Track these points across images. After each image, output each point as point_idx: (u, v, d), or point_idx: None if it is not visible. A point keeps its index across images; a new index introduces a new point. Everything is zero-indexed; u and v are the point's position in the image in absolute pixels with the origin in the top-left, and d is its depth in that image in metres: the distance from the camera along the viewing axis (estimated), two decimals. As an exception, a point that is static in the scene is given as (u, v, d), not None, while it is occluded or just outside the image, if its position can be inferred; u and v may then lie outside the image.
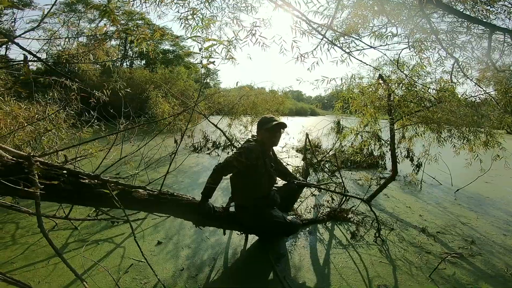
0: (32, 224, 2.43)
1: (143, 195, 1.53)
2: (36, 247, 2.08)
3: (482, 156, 3.18)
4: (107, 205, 1.35)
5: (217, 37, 1.57)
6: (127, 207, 1.38)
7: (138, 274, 1.83)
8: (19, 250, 2.03)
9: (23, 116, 2.15)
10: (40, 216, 1.07)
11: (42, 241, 2.15)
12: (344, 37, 1.82)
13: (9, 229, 2.33)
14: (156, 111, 4.95)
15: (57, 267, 1.84)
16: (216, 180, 1.91)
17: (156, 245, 2.22)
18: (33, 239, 2.18)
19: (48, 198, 1.20)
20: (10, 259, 1.91)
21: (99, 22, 14.79)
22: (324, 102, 6.08)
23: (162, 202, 1.64)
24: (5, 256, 1.95)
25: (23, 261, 1.90)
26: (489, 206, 3.64)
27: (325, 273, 1.96)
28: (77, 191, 1.20)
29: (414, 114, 2.74)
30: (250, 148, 1.95)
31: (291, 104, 21.44)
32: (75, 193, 1.19)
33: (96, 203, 1.43)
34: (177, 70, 9.55)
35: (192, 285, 1.76)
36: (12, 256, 1.95)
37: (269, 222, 2.03)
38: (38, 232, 2.29)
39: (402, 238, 2.54)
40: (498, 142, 3.02)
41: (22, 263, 1.87)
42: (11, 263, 1.87)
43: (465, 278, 1.97)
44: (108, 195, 1.29)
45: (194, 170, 4.71)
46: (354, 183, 4.38)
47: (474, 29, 1.72)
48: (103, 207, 1.73)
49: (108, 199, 1.31)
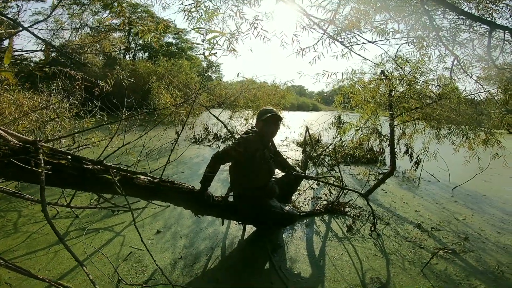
0: (34, 212, 2.48)
1: (144, 181, 1.57)
2: (37, 235, 2.11)
3: (481, 154, 3.19)
4: (109, 191, 1.39)
5: (219, 29, 1.58)
6: (128, 194, 1.42)
7: (136, 262, 1.88)
8: (20, 238, 2.06)
9: (27, 105, 2.18)
10: (44, 202, 1.11)
11: (44, 229, 2.20)
12: (346, 32, 1.83)
13: (11, 218, 2.37)
14: (158, 102, 4.97)
15: (57, 254, 1.89)
16: (214, 168, 1.95)
17: (155, 234, 2.27)
18: (35, 227, 2.23)
19: (53, 183, 1.24)
20: (12, 247, 1.95)
21: (107, 14, 14.63)
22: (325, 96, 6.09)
23: (162, 190, 1.68)
24: (7, 244, 1.98)
25: (24, 249, 1.94)
26: (485, 204, 3.67)
27: (320, 265, 2.01)
28: (81, 176, 1.24)
29: (414, 110, 2.75)
30: (249, 138, 1.99)
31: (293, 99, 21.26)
32: (79, 178, 1.22)
33: (98, 189, 1.47)
34: (179, 63, 9.52)
35: (189, 273, 1.81)
36: (13, 244, 1.98)
37: (266, 212, 2.08)
38: (39, 220, 2.34)
39: (397, 233, 2.58)
40: (497, 140, 3.03)
41: (24, 251, 1.91)
42: (12, 251, 1.90)
43: (456, 274, 2.01)
44: (110, 180, 1.33)
45: (195, 161, 4.76)
46: (353, 177, 4.42)
47: (476, 27, 1.72)
48: (105, 193, 1.77)
49: (111, 185, 1.36)
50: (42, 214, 2.45)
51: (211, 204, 1.93)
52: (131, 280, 1.69)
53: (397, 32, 1.75)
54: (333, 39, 1.76)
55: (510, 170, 3.66)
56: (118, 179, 1.39)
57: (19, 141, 1.21)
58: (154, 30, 1.70)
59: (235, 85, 6.95)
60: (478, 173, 3.63)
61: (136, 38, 17.73)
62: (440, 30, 1.62)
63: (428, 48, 1.88)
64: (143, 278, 1.73)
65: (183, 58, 10.47)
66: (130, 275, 1.75)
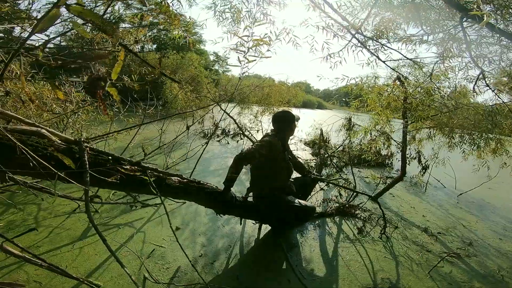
0: (53, 206, 2.48)
1: (175, 182, 1.61)
2: (60, 230, 2.11)
3: (489, 163, 3.25)
4: (144, 191, 1.43)
5: (247, 32, 1.60)
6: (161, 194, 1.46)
7: (160, 260, 1.91)
8: (43, 233, 2.05)
9: (51, 97, 2.20)
10: (88, 202, 1.15)
11: (65, 223, 2.22)
12: (373, 40, 1.85)
13: (31, 211, 2.36)
14: (169, 97, 4.97)
15: (82, 251, 1.90)
16: (237, 169, 2.00)
17: (175, 231, 2.31)
18: (56, 222, 2.23)
19: (96, 183, 1.28)
20: (35, 242, 1.93)
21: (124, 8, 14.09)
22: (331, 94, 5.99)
23: (190, 190, 1.72)
24: (30, 239, 1.95)
25: (48, 244, 1.93)
26: (489, 211, 3.75)
27: (334, 265, 2.10)
28: (122, 177, 1.27)
29: (430, 118, 2.79)
30: (273, 142, 2.06)
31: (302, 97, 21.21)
32: (121, 179, 1.26)
33: (134, 189, 1.51)
34: (188, 56, 9.45)
35: (210, 271, 1.87)
36: (37, 239, 1.97)
37: (284, 207, 2.16)
38: (60, 214, 2.36)
39: (406, 237, 2.66)
40: (506, 150, 3.09)
41: (48, 247, 1.90)
42: (37, 246, 1.89)
43: (460, 277, 2.11)
44: (146, 181, 1.37)
45: (205, 156, 4.79)
46: (361, 180, 4.49)
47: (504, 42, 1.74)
48: (140, 193, 1.81)
49: (145, 185, 1.40)
50: (62, 207, 2.47)
51: (234, 204, 1.98)
52: (156, 277, 1.71)
53: (424, 43, 1.77)
54: (363, 46, 1.78)
55: (515, 179, 3.73)
56: (153, 180, 1.42)
57: (62, 141, 1.23)
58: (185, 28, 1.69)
59: (246, 82, 6.93)
60: (485, 181, 3.70)
61: (149, 29, 17.37)
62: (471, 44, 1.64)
63: (453, 59, 1.91)
64: (167, 276, 1.77)
65: (192, 51, 10.33)
66: (155, 272, 1.78)
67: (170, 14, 1.23)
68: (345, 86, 2.99)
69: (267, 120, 6.88)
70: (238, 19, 1.83)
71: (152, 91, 3.18)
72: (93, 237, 2.08)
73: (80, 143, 1.19)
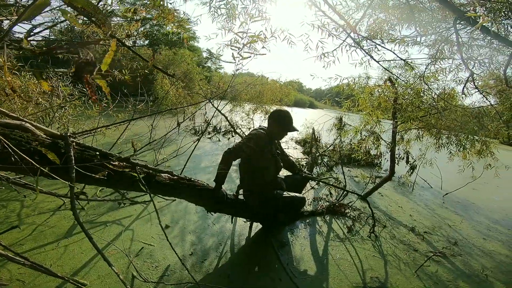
0: (37, 203, 2.39)
1: (165, 179, 1.58)
2: (44, 228, 2.05)
3: (474, 164, 3.35)
4: (132, 188, 1.39)
5: (242, 28, 1.58)
6: (150, 191, 1.43)
7: (148, 258, 1.88)
8: (27, 231, 1.99)
9: (37, 91, 2.11)
10: (73, 199, 1.11)
11: (50, 221, 2.15)
12: (367, 40, 1.86)
13: (14, 208, 2.28)
14: (160, 93, 4.87)
15: (68, 249, 1.84)
16: (227, 164, 2.00)
17: (165, 228, 2.27)
18: (40, 219, 2.15)
19: (81, 180, 1.23)
20: (18, 240, 1.87)
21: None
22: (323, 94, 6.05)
23: (181, 187, 1.69)
24: (13, 237, 1.89)
25: (32, 242, 1.87)
26: (473, 211, 3.87)
27: (324, 263, 2.11)
28: (110, 174, 1.23)
29: (418, 119, 2.84)
30: (259, 135, 2.06)
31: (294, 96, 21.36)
32: (109, 175, 1.22)
33: (123, 186, 1.46)
34: (181, 52, 9.31)
35: (200, 269, 1.85)
36: (20, 237, 1.90)
37: (274, 201, 2.16)
38: (44, 211, 2.28)
39: (393, 236, 2.71)
40: (491, 152, 3.19)
41: (32, 245, 1.84)
42: (19, 244, 1.83)
43: (446, 276, 2.16)
44: (134, 178, 1.33)
45: (195, 153, 4.74)
46: (351, 179, 4.54)
47: (494, 44, 1.78)
48: (128, 190, 1.76)
49: (134, 182, 1.36)
50: (46, 204, 2.38)
51: (225, 201, 1.96)
52: (144, 276, 1.69)
53: (416, 44, 1.80)
54: (358, 46, 1.79)
55: (497, 180, 3.85)
56: (142, 176, 1.39)
57: (47, 135, 1.18)
58: (178, 23, 1.65)
59: (239, 80, 6.89)
60: (470, 181, 3.81)
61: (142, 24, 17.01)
62: (463, 46, 1.67)
63: (444, 60, 1.94)
64: (156, 274, 1.74)
65: (185, 48, 10.17)
66: (143, 271, 1.75)
67: (164, 9, 1.20)
68: (337, 86, 3.01)
69: (258, 118, 6.88)
70: (234, 16, 1.81)
71: (143, 86, 3.11)
72: (79, 235, 2.02)
73: (66, 138, 1.14)
